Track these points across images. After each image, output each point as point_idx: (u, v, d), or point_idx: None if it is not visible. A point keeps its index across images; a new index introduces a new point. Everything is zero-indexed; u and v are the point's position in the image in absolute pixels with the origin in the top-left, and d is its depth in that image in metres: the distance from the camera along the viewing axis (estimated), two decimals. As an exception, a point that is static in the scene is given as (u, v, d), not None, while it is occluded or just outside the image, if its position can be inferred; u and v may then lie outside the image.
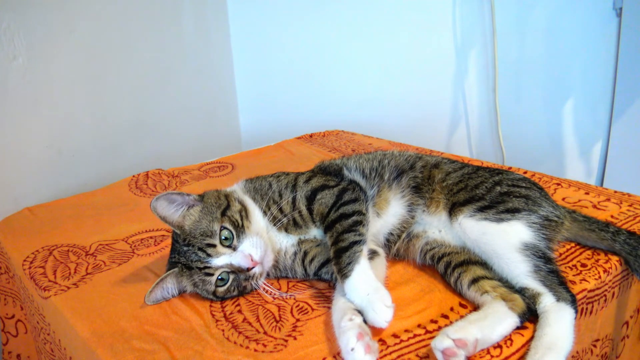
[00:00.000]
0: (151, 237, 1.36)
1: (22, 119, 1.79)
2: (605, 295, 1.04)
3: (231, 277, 1.01)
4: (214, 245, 1.00)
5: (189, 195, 1.06)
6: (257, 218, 1.08)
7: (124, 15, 2.12)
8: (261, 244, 1.03)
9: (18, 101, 1.77)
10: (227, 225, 1.01)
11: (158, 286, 1.02)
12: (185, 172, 1.88)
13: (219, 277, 1.00)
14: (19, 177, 1.80)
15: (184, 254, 1.01)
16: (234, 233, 1.01)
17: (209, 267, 1.00)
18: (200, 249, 1.00)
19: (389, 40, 2.46)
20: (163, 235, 1.36)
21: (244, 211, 1.06)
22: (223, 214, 1.03)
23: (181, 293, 1.07)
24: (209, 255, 0.99)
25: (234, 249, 1.01)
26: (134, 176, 1.84)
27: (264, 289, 1.04)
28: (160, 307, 1.04)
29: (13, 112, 1.76)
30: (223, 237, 1.01)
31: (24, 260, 1.28)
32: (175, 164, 2.00)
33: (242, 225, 1.03)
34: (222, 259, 0.99)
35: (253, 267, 1.00)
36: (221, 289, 1.01)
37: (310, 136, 2.26)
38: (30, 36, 1.76)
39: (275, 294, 1.04)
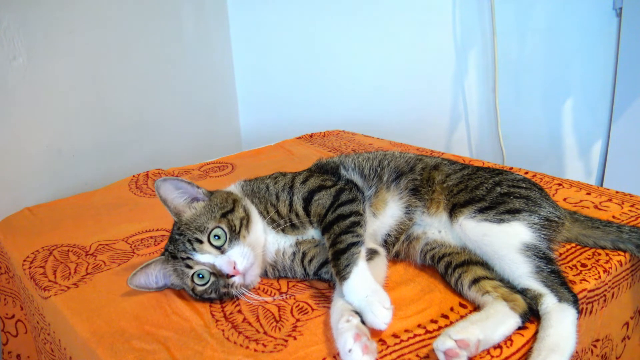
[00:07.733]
0: (151, 237, 1.36)
1: (22, 119, 1.79)
2: (605, 295, 1.04)
3: (212, 279, 1.00)
4: (201, 242, 1.00)
5: (198, 187, 1.06)
6: (258, 231, 1.07)
7: (124, 15, 2.12)
8: (251, 256, 1.01)
9: (18, 101, 1.77)
10: (223, 226, 1.01)
11: (142, 271, 1.03)
12: (185, 172, 1.88)
13: (198, 274, 1.00)
14: (19, 177, 1.80)
15: (175, 242, 1.02)
16: (228, 236, 1.01)
17: (190, 259, 1.00)
18: (189, 240, 1.00)
19: (389, 40, 2.46)
20: (163, 235, 1.36)
21: (246, 220, 1.05)
22: (223, 215, 1.03)
23: (168, 286, 1.07)
24: (194, 249, 1.00)
25: (222, 252, 1.00)
26: (134, 176, 1.83)
27: (247, 297, 1.02)
28: (160, 307, 1.04)
29: (13, 112, 1.76)
30: (214, 236, 1.00)
31: (24, 260, 1.28)
32: (175, 164, 2.00)
33: (239, 233, 1.02)
34: (205, 257, 0.99)
35: (234, 276, 0.99)
36: (199, 288, 1.01)
37: (311, 136, 2.26)
38: (30, 36, 1.76)
39: (260, 300, 1.03)
